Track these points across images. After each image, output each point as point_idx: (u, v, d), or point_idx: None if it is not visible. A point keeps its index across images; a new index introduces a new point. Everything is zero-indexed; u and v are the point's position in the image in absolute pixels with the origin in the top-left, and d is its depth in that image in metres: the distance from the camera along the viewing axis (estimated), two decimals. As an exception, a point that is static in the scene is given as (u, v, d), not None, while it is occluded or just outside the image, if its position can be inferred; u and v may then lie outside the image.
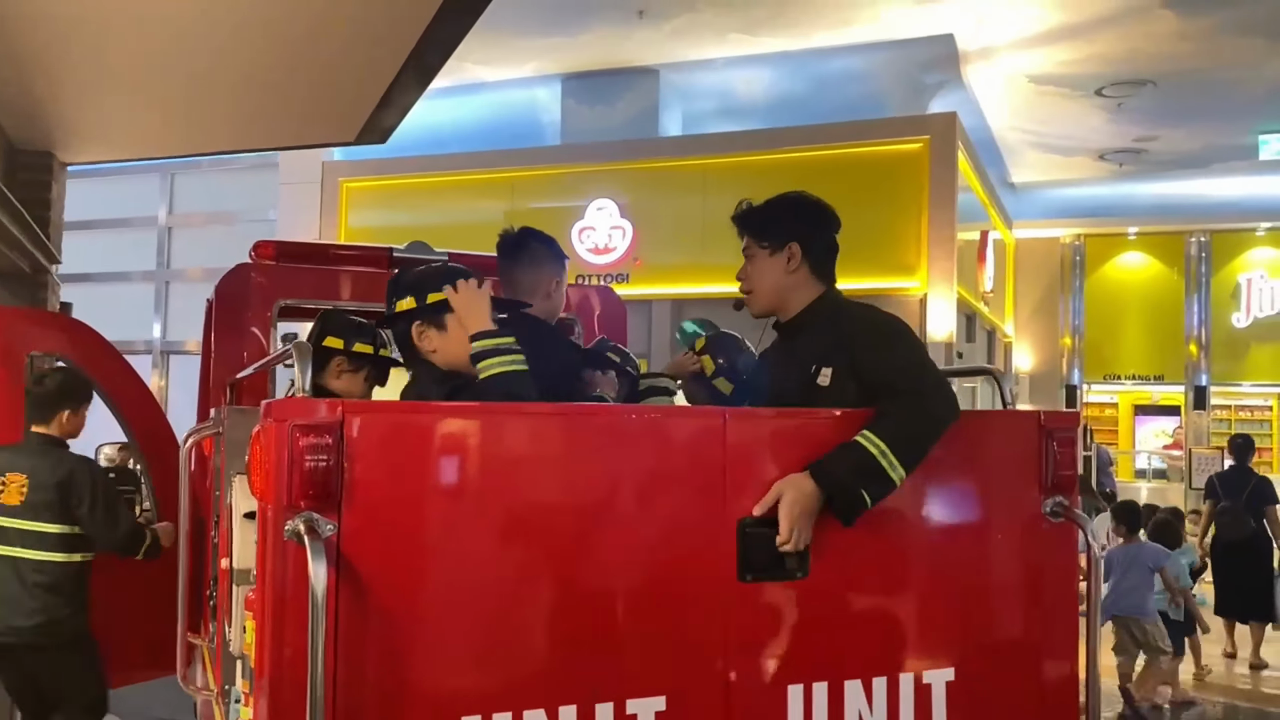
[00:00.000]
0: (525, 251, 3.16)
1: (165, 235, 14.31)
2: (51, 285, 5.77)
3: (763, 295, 2.71)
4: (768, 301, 2.71)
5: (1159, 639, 6.51)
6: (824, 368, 2.53)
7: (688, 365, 3.32)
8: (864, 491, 2.31)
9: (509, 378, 2.38)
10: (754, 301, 2.74)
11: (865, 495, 2.32)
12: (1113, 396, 16.94)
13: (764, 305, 2.72)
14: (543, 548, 2.15)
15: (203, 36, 3.88)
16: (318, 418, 1.95)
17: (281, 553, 1.94)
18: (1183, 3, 9.28)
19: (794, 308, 2.68)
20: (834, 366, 2.52)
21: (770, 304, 2.71)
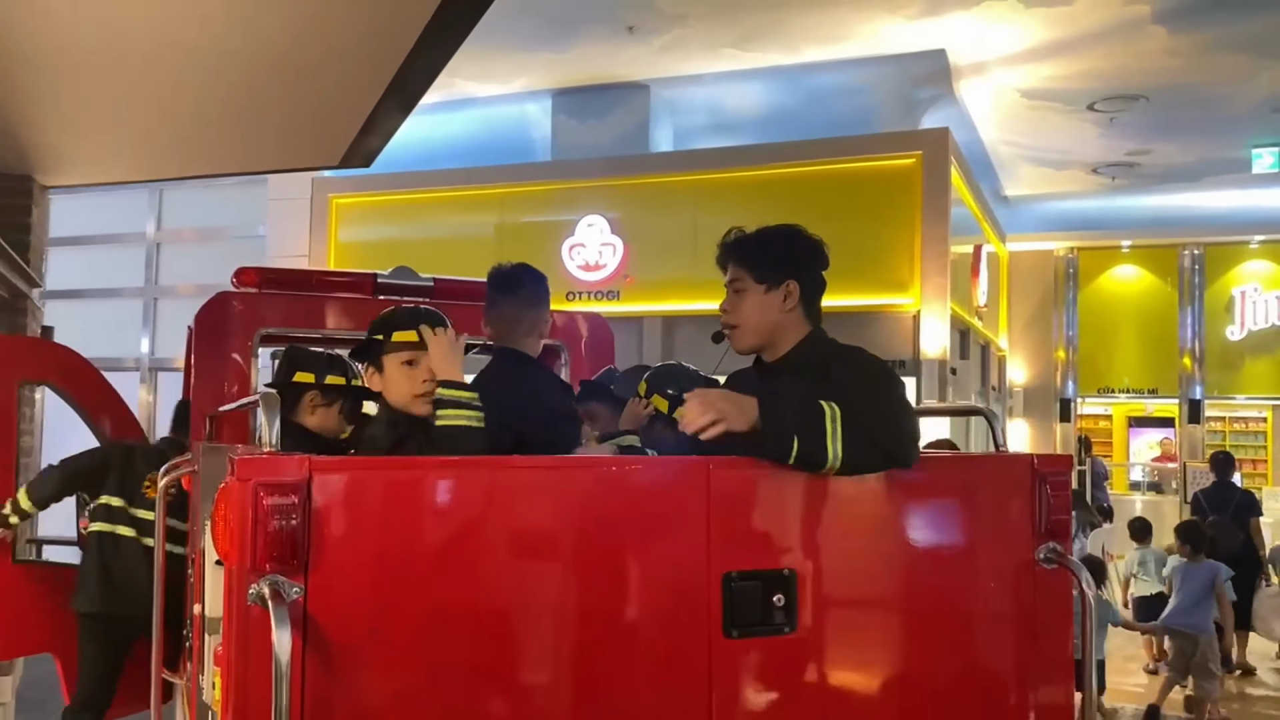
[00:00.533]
0: (524, 290, 3.11)
1: (154, 251, 14.20)
2: (32, 310, 5.69)
3: (751, 332, 2.57)
4: (755, 339, 2.57)
5: (1211, 658, 6.70)
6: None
7: (640, 412, 3.26)
8: (795, 438, 2.18)
9: (460, 432, 2.42)
10: (739, 337, 2.59)
11: (795, 442, 2.17)
12: (1107, 409, 16.90)
13: (751, 343, 2.58)
14: (520, 605, 2.08)
15: (183, 65, 3.81)
16: (283, 476, 1.88)
17: (245, 616, 1.88)
18: (1173, 19, 9.26)
19: (782, 347, 2.57)
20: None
21: (758, 342, 2.58)
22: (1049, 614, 2.53)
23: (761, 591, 2.23)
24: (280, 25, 3.45)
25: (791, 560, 2.27)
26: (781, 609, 2.24)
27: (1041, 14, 9.36)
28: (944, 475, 2.56)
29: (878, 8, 9.41)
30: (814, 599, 2.28)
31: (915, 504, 2.46)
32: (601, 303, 11.09)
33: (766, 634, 2.23)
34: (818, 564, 2.31)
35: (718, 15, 9.66)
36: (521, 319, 3.07)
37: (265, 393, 2.14)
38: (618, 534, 2.17)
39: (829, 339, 2.60)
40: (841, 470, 2.22)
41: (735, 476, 2.27)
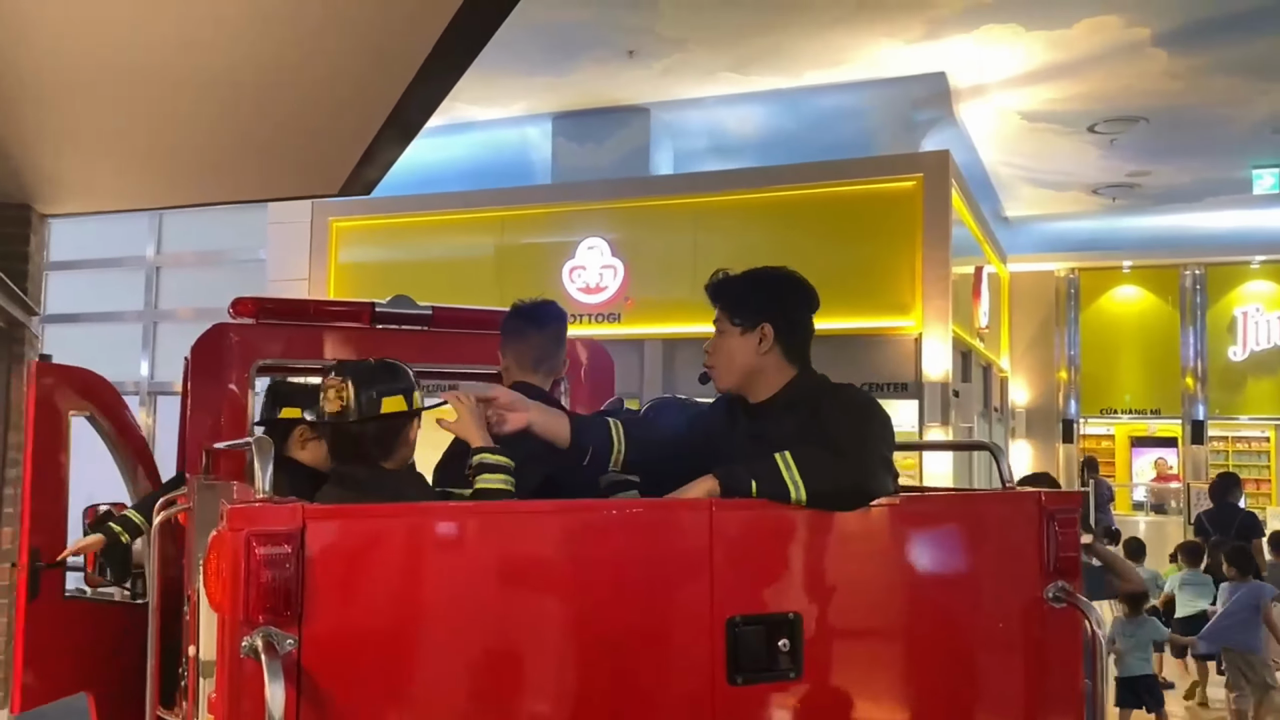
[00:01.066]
0: (552, 327, 3.07)
1: (154, 275, 14.20)
2: (29, 339, 5.65)
3: (729, 374, 2.57)
4: (733, 381, 2.58)
5: (1266, 674, 6.86)
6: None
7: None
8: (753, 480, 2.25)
9: (498, 495, 2.35)
10: (719, 378, 2.60)
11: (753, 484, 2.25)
12: (1109, 429, 16.85)
13: (729, 383, 2.59)
14: (520, 654, 2.03)
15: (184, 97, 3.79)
16: (276, 525, 1.84)
17: (239, 668, 1.83)
18: (1173, 42, 9.28)
19: (763, 390, 2.55)
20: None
21: (736, 383, 2.58)
22: (1058, 653, 2.48)
23: (766, 636, 2.18)
24: (281, 57, 3.43)
25: (796, 603, 2.23)
26: (787, 654, 2.19)
27: (1041, 37, 9.39)
28: (950, 514, 2.51)
29: (877, 32, 9.43)
30: (820, 643, 2.23)
31: (921, 544, 2.42)
32: (602, 325, 11.06)
33: (771, 680, 2.18)
34: (823, 607, 2.26)
35: (717, 40, 9.68)
36: (545, 356, 3.02)
37: (259, 437, 2.10)
38: (619, 578, 2.13)
39: (819, 378, 2.56)
40: (810, 502, 2.23)
41: (739, 518, 2.23)
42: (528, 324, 3.05)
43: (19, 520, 5.65)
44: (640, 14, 9.13)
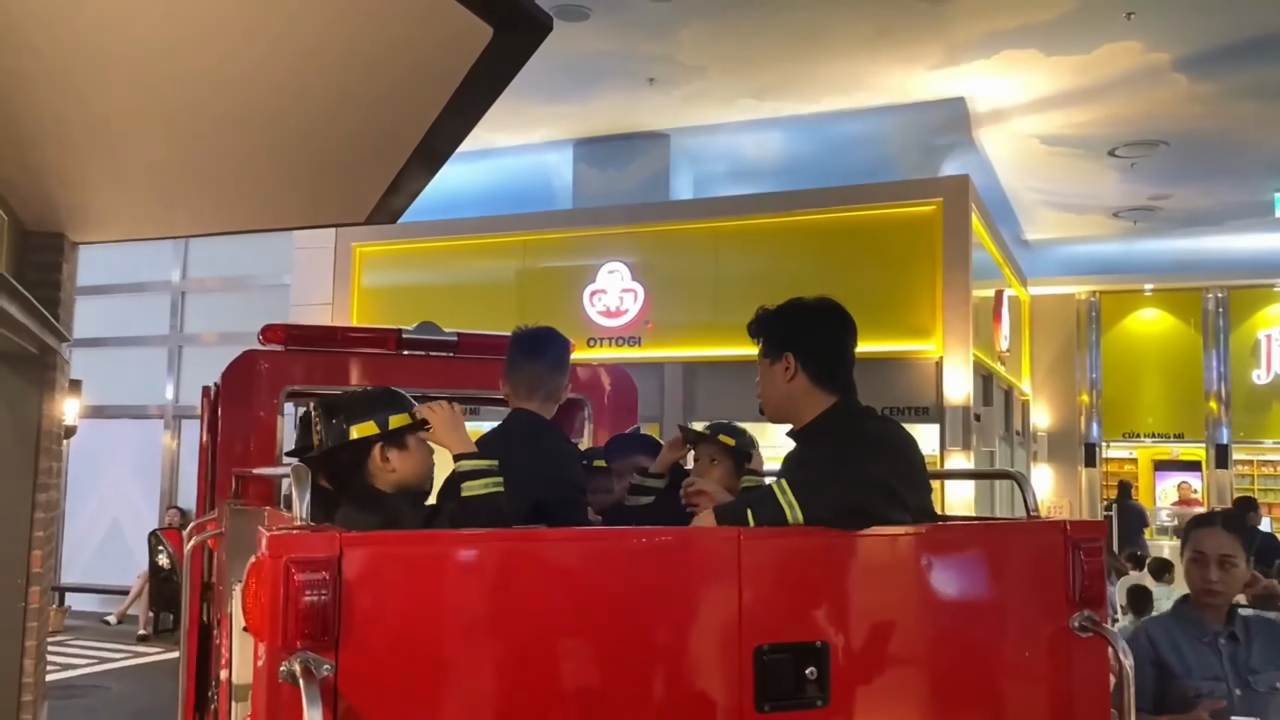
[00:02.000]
0: (549, 355, 3.11)
1: (179, 300, 14.37)
2: (60, 364, 5.74)
3: (769, 405, 2.69)
4: (774, 411, 2.69)
5: None
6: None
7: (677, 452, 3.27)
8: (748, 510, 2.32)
9: (489, 500, 2.42)
10: (764, 410, 2.72)
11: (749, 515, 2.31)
12: (1132, 453, 16.74)
13: (771, 414, 2.70)
14: (552, 679, 2.07)
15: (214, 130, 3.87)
16: (314, 552, 1.88)
17: (277, 693, 1.87)
18: (1193, 66, 9.29)
19: (804, 417, 2.63)
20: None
21: (776, 414, 2.69)
22: (1085, 682, 2.49)
23: (793, 664, 2.20)
24: (311, 92, 3.51)
25: (824, 632, 2.25)
26: (814, 682, 2.21)
27: (1060, 62, 9.42)
28: (976, 543, 2.53)
29: (895, 58, 9.49)
30: (847, 672, 2.25)
31: (947, 573, 2.44)
32: (622, 349, 11.11)
33: (799, 708, 2.20)
34: (851, 636, 2.28)
35: (736, 67, 9.77)
36: (541, 384, 3.06)
37: (296, 465, 2.15)
38: (648, 606, 2.15)
39: (857, 409, 2.62)
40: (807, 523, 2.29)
41: (766, 547, 2.25)
42: (522, 353, 3.10)
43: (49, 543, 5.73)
44: (661, 43, 9.22)
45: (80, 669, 10.19)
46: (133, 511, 13.50)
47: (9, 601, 5.38)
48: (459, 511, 2.48)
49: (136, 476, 13.91)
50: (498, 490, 2.53)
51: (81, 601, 13.19)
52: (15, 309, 4.33)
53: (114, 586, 12.96)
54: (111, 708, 8.73)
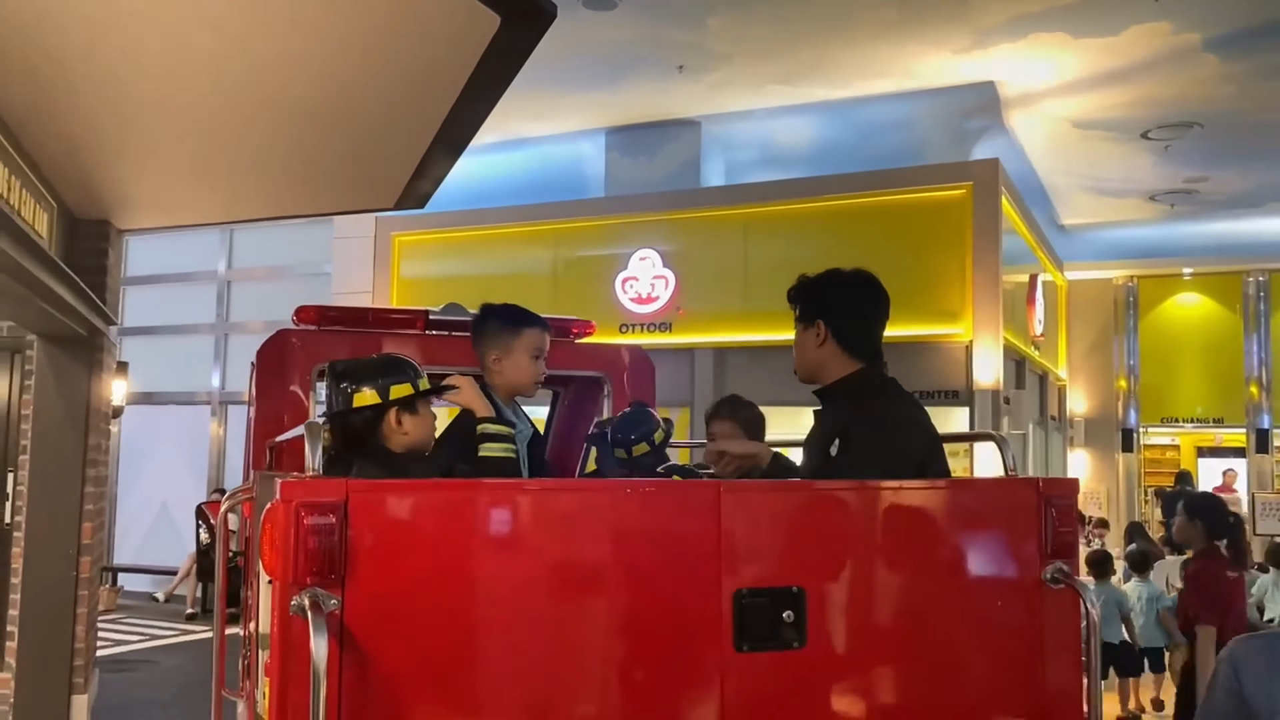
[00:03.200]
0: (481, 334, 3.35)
1: (225, 289, 14.75)
2: (107, 346, 6.02)
3: (800, 367, 2.95)
4: (805, 373, 2.95)
5: None
6: (835, 438, 2.72)
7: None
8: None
9: (504, 463, 2.58)
10: (798, 371, 2.99)
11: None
12: (1172, 439, 16.61)
13: (803, 375, 2.97)
14: (541, 618, 2.23)
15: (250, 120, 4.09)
16: (322, 497, 2.07)
17: (288, 626, 2.05)
18: (1224, 46, 9.23)
19: (828, 379, 2.87)
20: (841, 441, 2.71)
21: (806, 375, 2.95)
22: (1056, 632, 2.61)
23: (771, 608, 2.35)
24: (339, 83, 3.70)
25: (801, 579, 2.39)
26: (791, 625, 2.36)
27: (1090, 45, 9.40)
28: (951, 498, 2.67)
29: (925, 42, 9.53)
30: (823, 616, 2.40)
31: (923, 525, 2.58)
32: (653, 335, 11.27)
33: (776, 649, 2.35)
34: (827, 582, 2.43)
35: (765, 53, 9.85)
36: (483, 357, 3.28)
37: (309, 422, 2.34)
38: (636, 552, 2.31)
39: (879, 380, 2.83)
40: None
41: (745, 499, 2.41)
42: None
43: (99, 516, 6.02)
44: (689, 30, 9.34)
45: (131, 645, 10.57)
46: (181, 495, 13.91)
47: (62, 571, 5.68)
48: (476, 470, 2.67)
49: (184, 461, 14.33)
50: (512, 455, 2.71)
51: (133, 582, 13.63)
52: (65, 292, 4.59)
53: (163, 567, 13.38)
54: (159, 680, 9.07)
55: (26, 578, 5.65)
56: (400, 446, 2.75)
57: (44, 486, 5.71)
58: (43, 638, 5.61)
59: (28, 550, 5.68)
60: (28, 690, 5.57)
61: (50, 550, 5.66)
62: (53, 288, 4.32)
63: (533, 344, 3.32)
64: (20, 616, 5.63)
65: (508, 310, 3.39)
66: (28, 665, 5.58)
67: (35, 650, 5.60)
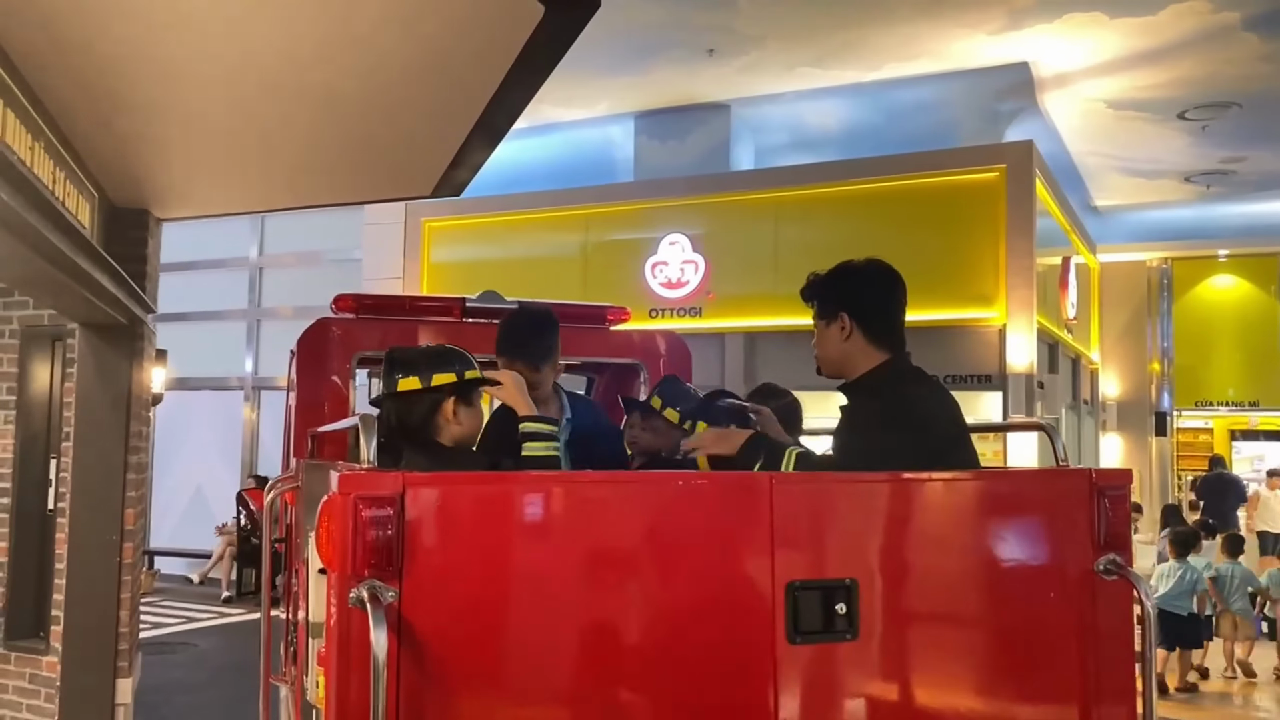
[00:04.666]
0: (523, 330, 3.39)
1: (257, 275, 14.85)
2: (147, 334, 6.07)
3: (825, 362, 2.88)
4: (830, 368, 2.88)
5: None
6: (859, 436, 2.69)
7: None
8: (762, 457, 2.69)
9: (548, 461, 2.58)
10: (820, 366, 2.92)
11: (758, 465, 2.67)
12: (1207, 422, 16.43)
13: (828, 371, 2.90)
14: (596, 611, 2.24)
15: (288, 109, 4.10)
16: (380, 490, 2.08)
17: (347, 618, 2.07)
18: (1264, 25, 9.08)
19: (855, 373, 2.81)
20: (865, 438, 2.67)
21: (832, 370, 2.88)
22: (1109, 623, 2.60)
23: (823, 600, 2.35)
24: (378, 72, 3.70)
25: (854, 570, 2.39)
26: (844, 617, 2.35)
27: (1126, 24, 9.27)
28: (1004, 488, 2.65)
29: (957, 23, 9.43)
30: (876, 608, 2.39)
31: (975, 516, 2.56)
32: (683, 319, 11.25)
33: (828, 640, 2.35)
34: (880, 574, 2.42)
35: (796, 36, 9.78)
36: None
37: (364, 414, 2.35)
38: (688, 545, 2.31)
39: (905, 369, 2.77)
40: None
41: (797, 491, 2.40)
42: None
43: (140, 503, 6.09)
44: (719, 12, 9.28)
45: (169, 627, 10.71)
46: (215, 479, 14.05)
47: (106, 556, 5.75)
48: (519, 468, 2.67)
49: (218, 445, 14.47)
50: (555, 454, 2.71)
51: (169, 565, 13.80)
52: (107, 280, 4.63)
53: (199, 550, 13.54)
54: (198, 662, 9.19)
55: (70, 564, 5.72)
56: (451, 439, 2.75)
57: (86, 474, 5.78)
58: (87, 623, 5.69)
59: (71, 537, 5.75)
60: (73, 674, 5.65)
61: (93, 536, 5.73)
62: (95, 276, 4.36)
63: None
64: (65, 601, 5.71)
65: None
66: (73, 650, 5.66)
67: (80, 635, 5.68)
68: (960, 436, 2.78)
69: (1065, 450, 2.83)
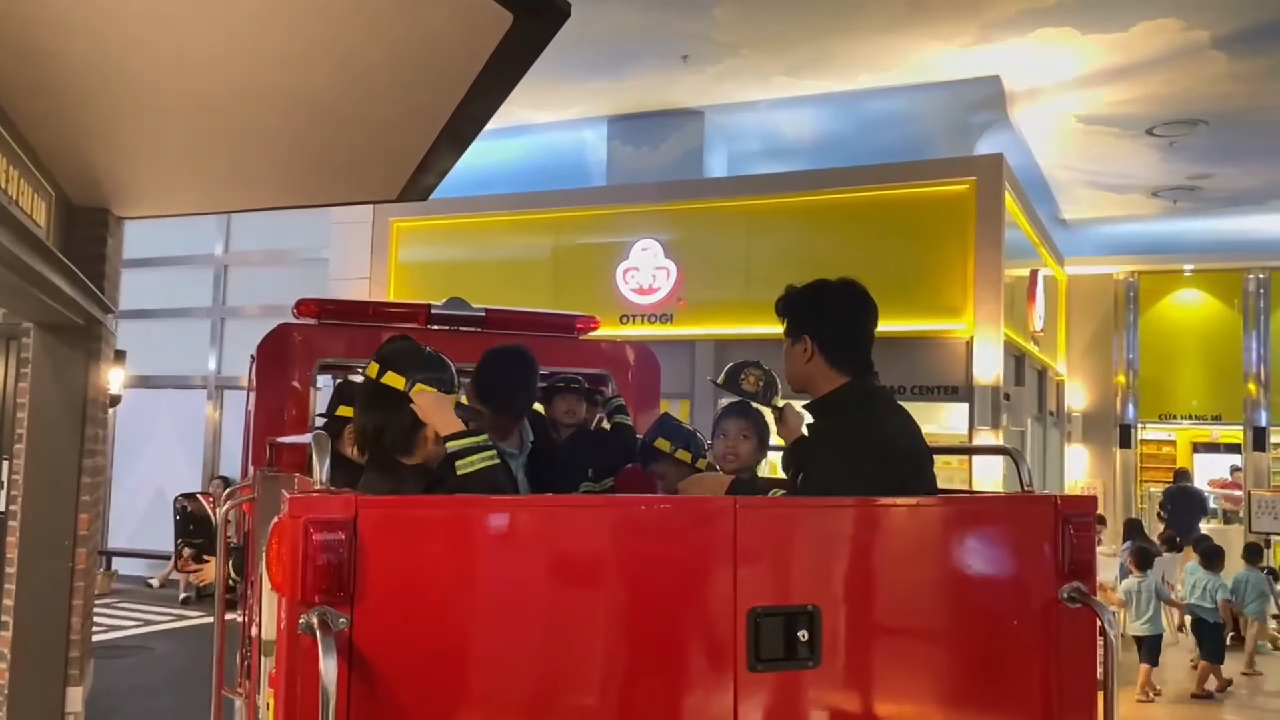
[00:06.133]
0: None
1: (222, 272, 14.66)
2: (105, 335, 5.95)
3: (790, 379, 2.93)
4: (794, 384, 2.92)
5: None
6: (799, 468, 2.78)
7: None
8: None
9: (488, 473, 2.49)
10: (789, 382, 2.97)
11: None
12: (1170, 435, 16.61)
13: (793, 386, 2.95)
14: (553, 638, 2.18)
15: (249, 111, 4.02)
16: (331, 514, 2.02)
17: (296, 644, 2.00)
18: (1233, 44, 9.17)
19: (817, 392, 2.82)
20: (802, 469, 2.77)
21: (796, 386, 2.92)
22: (1072, 651, 2.58)
23: (785, 627, 2.31)
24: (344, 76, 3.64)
25: (815, 597, 2.35)
26: (805, 644, 2.32)
27: (1097, 40, 9.34)
28: (968, 514, 2.63)
29: (930, 36, 9.46)
30: (838, 635, 2.36)
31: (939, 542, 2.54)
32: (654, 326, 11.22)
33: (790, 668, 2.31)
34: (841, 601, 2.39)
35: (770, 44, 9.78)
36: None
37: (317, 433, 2.28)
38: (648, 569, 2.27)
39: (865, 391, 2.75)
40: None
41: (761, 516, 2.36)
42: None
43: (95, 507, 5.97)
44: (694, 20, 9.26)
45: (125, 630, 10.53)
46: (176, 480, 13.85)
47: (58, 562, 5.63)
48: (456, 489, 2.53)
49: (180, 445, 14.27)
50: (492, 464, 2.56)
51: (128, 566, 13.59)
52: (62, 282, 4.52)
53: (159, 551, 13.34)
54: (154, 667, 9.04)
55: (22, 568, 5.60)
56: (420, 458, 2.65)
57: (39, 477, 5.65)
58: (38, 629, 5.57)
59: (23, 541, 5.62)
60: (22, 681, 5.52)
61: (46, 541, 5.61)
62: (50, 279, 4.26)
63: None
64: (15, 607, 5.58)
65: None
66: (22, 656, 5.53)
67: (30, 642, 5.56)
68: (918, 457, 2.76)
69: (1030, 474, 2.81)
